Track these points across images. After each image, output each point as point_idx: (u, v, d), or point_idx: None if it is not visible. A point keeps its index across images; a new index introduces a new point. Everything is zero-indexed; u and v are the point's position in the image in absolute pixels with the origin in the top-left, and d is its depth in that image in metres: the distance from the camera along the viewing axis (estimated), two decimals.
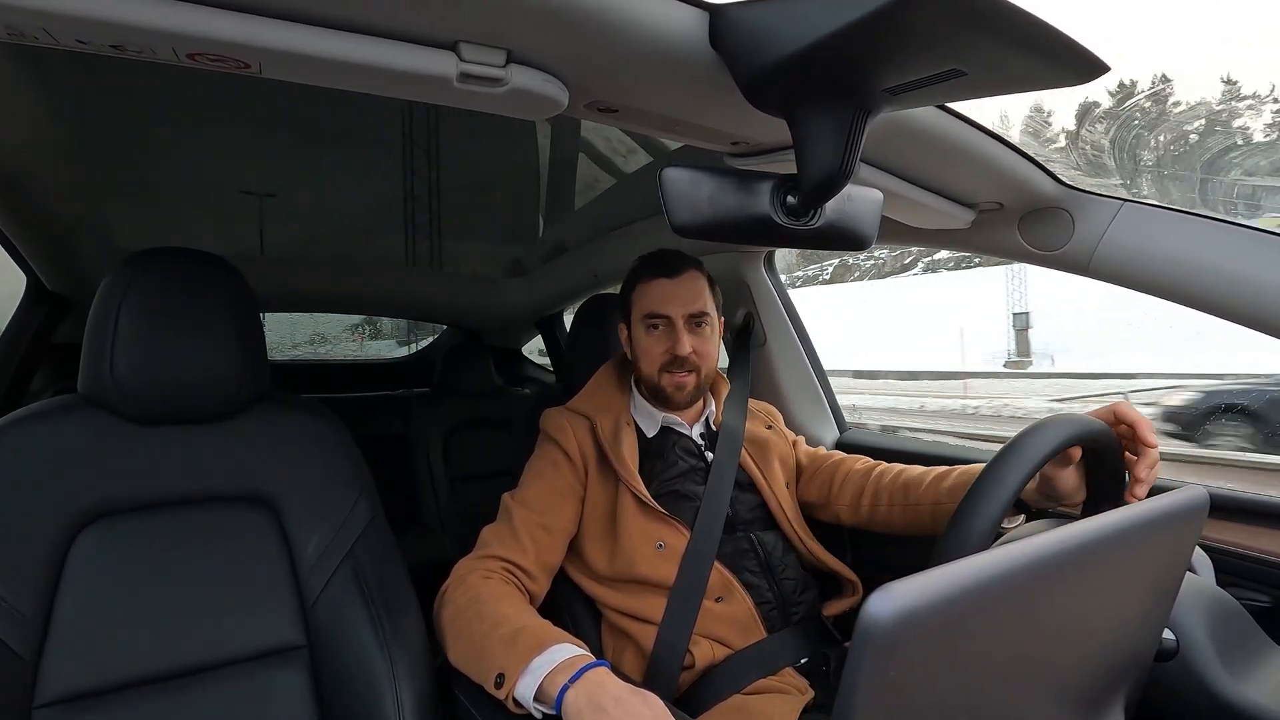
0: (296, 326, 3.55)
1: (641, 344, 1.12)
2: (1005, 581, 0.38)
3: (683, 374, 1.10)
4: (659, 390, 1.12)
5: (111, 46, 0.50)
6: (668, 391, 1.11)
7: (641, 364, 1.13)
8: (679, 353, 1.08)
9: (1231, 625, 0.75)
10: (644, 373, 1.13)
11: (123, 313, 0.84)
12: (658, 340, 1.11)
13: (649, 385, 1.14)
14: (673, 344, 1.09)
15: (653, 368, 1.11)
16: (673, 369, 1.10)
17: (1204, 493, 0.54)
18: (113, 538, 0.84)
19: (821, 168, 0.60)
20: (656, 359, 1.11)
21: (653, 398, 1.15)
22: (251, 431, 0.94)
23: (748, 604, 1.03)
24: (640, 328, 1.12)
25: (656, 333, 1.11)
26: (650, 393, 1.15)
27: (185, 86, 1.13)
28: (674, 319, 1.09)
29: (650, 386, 1.13)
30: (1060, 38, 0.47)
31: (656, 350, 1.11)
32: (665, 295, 1.10)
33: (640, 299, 1.12)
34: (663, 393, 1.12)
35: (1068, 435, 0.76)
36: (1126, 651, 0.55)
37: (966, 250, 1.19)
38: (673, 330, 1.09)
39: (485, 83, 0.58)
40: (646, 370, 1.12)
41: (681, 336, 1.08)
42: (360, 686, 0.86)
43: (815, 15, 0.48)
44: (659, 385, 1.12)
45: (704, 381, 1.13)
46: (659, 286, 1.11)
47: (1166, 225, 0.91)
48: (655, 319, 1.10)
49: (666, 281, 1.10)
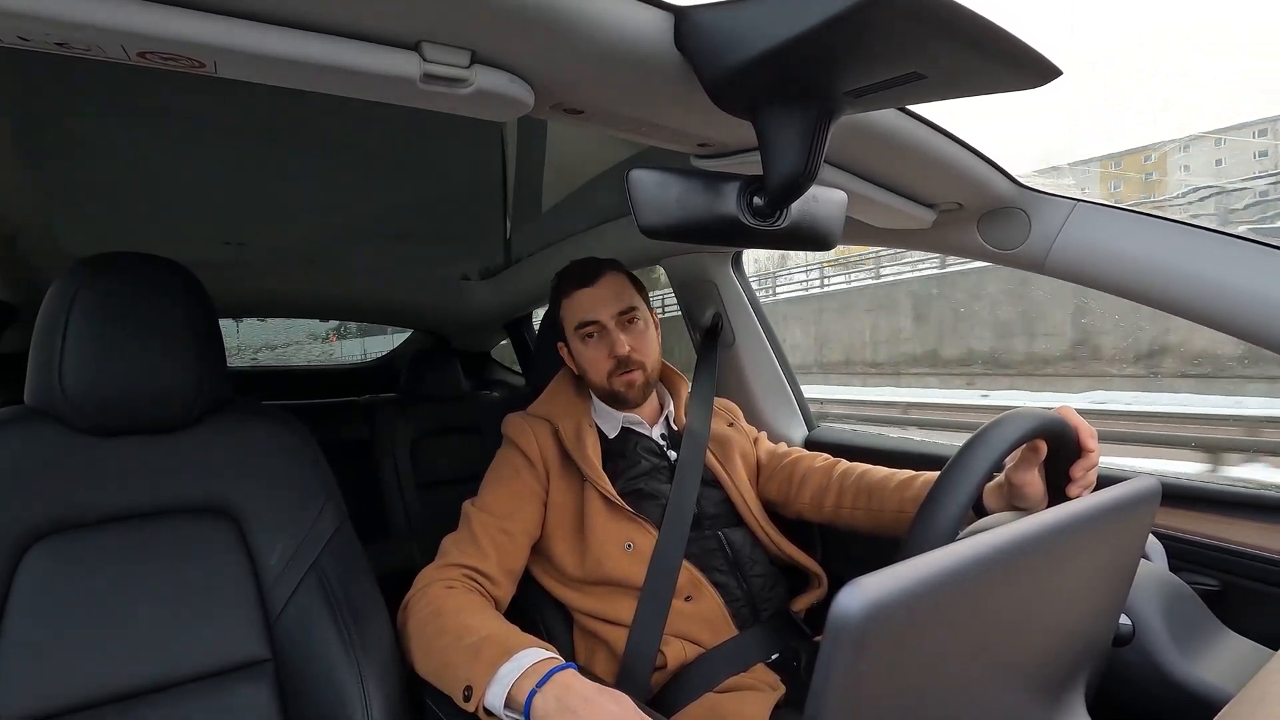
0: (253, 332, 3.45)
1: (584, 356, 1.14)
2: (971, 573, 0.39)
3: (629, 373, 1.11)
4: (613, 394, 1.13)
5: (56, 44, 0.49)
6: (620, 392, 1.13)
7: (590, 374, 1.14)
8: (619, 353, 1.10)
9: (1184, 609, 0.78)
10: (594, 382, 1.14)
11: (71, 319, 0.81)
12: (596, 347, 1.12)
13: (602, 392, 1.15)
14: (611, 347, 1.10)
15: (600, 375, 1.12)
16: (619, 371, 1.11)
17: (1156, 482, 0.56)
18: (65, 554, 0.80)
19: (786, 169, 0.60)
20: (602, 365, 1.12)
21: (609, 401, 1.16)
22: (211, 441, 0.91)
23: (717, 602, 1.04)
24: (576, 340, 1.14)
25: (593, 340, 1.12)
26: (605, 398, 1.16)
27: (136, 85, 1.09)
28: (604, 322, 1.11)
29: (604, 393, 1.15)
30: (1016, 43, 0.48)
31: (599, 357, 1.12)
32: (589, 302, 1.12)
33: (568, 313, 1.15)
34: (617, 395, 1.13)
35: (1031, 428, 0.78)
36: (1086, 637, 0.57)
37: (928, 249, 1.21)
38: (607, 333, 1.11)
39: (449, 84, 0.58)
40: (595, 379, 1.14)
41: (617, 337, 1.10)
42: (328, 699, 0.84)
43: (779, 18, 0.48)
44: (611, 390, 1.13)
45: (651, 375, 1.15)
46: (581, 296, 1.13)
47: (1117, 225, 0.95)
48: (587, 326, 1.12)
49: (588, 290, 1.12)
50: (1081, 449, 0.83)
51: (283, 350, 3.57)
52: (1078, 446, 0.83)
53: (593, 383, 1.15)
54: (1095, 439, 0.83)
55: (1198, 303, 0.88)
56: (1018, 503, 0.87)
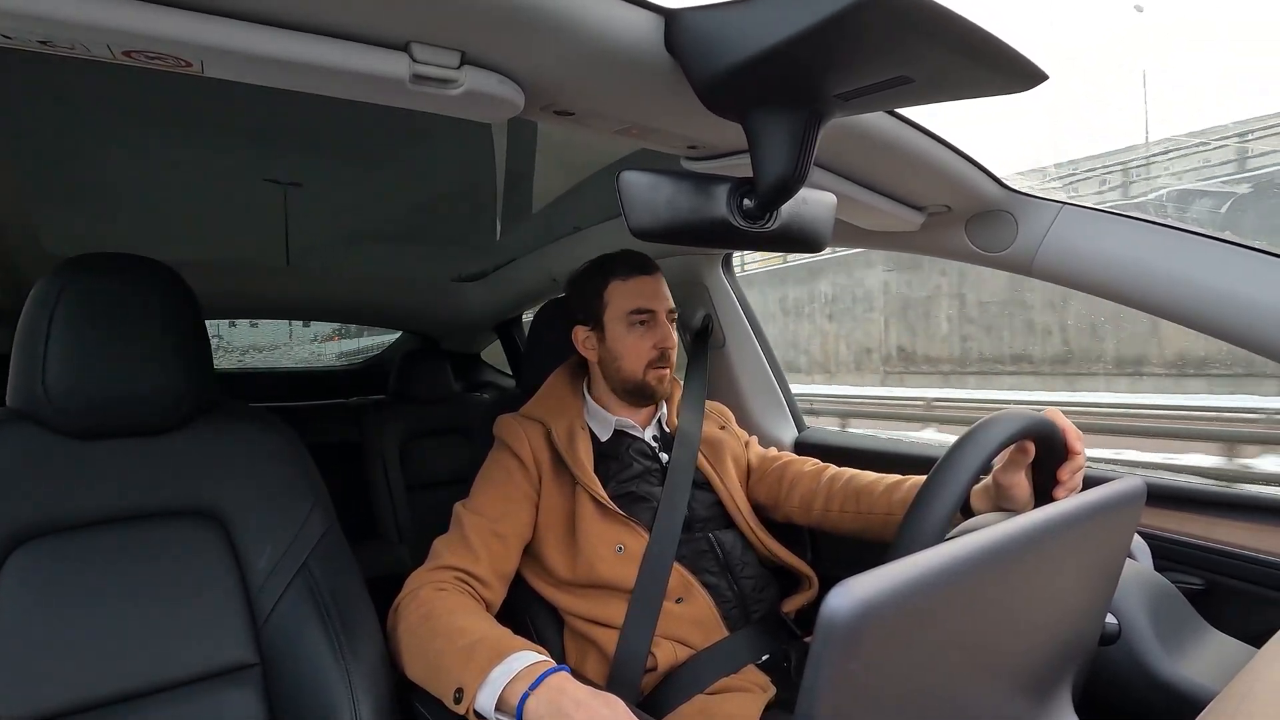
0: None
1: (625, 341, 1.12)
2: (960, 573, 0.39)
3: (664, 368, 1.12)
4: (643, 386, 1.12)
5: (40, 42, 0.48)
6: (651, 385, 1.12)
7: (624, 361, 1.12)
8: (667, 346, 1.11)
9: (1168, 608, 0.79)
10: (627, 371, 1.12)
11: (55, 321, 0.80)
12: (643, 336, 1.11)
13: (631, 383, 1.13)
14: (660, 338, 1.11)
15: (639, 364, 1.11)
16: (659, 364, 1.11)
17: (1141, 482, 0.56)
18: (48, 558, 0.79)
19: (776, 171, 0.61)
20: (644, 354, 1.11)
21: (631, 395, 1.14)
22: (197, 443, 0.90)
23: (708, 604, 1.04)
24: (621, 325, 1.12)
25: (642, 329, 1.12)
26: (631, 390, 1.14)
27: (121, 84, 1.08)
28: (659, 312, 1.12)
29: (633, 384, 1.13)
30: (1003, 48, 0.49)
31: (644, 346, 1.11)
32: (649, 291, 1.12)
33: (619, 297, 1.12)
34: (646, 388, 1.12)
35: (1018, 429, 0.78)
36: (1073, 636, 0.57)
37: (917, 251, 1.22)
38: (658, 325, 1.12)
39: (438, 84, 0.57)
40: (631, 367, 1.12)
41: (668, 330, 1.11)
42: (317, 703, 0.84)
43: (769, 20, 0.49)
44: (644, 381, 1.12)
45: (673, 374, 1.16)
46: (640, 284, 1.12)
47: (1103, 227, 0.95)
48: (642, 314, 1.11)
49: (647, 279, 1.13)
50: (1069, 451, 0.83)
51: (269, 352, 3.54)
52: (1065, 449, 0.84)
53: (625, 372, 1.13)
54: (1082, 441, 0.84)
55: (1183, 305, 0.89)
56: (1005, 504, 0.88)
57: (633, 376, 1.12)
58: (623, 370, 1.13)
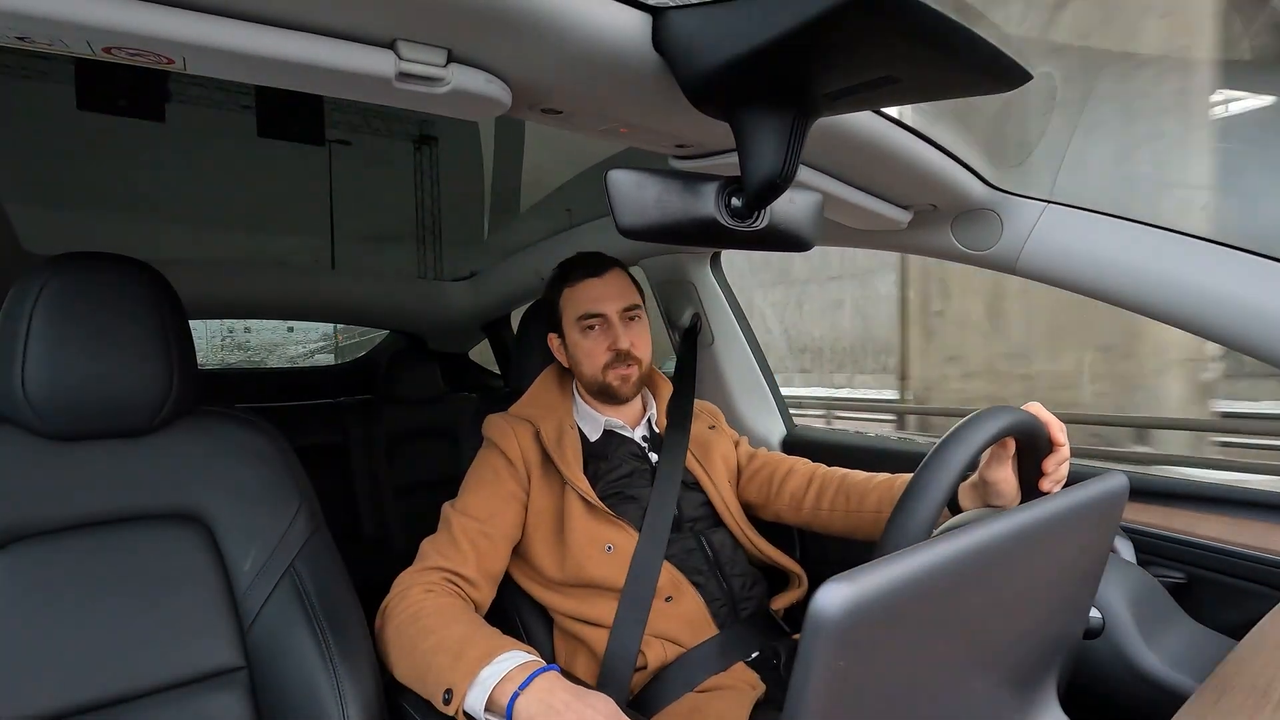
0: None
1: (581, 347, 1.13)
2: (946, 569, 0.39)
3: (626, 368, 1.11)
4: (605, 388, 1.12)
5: (18, 38, 0.47)
6: (614, 386, 1.12)
7: (584, 366, 1.13)
8: (620, 347, 1.10)
9: (1151, 601, 0.80)
10: (587, 375, 1.13)
11: (34, 321, 0.79)
12: (597, 340, 1.11)
13: (594, 385, 1.13)
14: (613, 340, 1.10)
15: (596, 367, 1.12)
16: (616, 364, 1.11)
17: (1124, 478, 0.57)
18: (28, 563, 0.78)
19: (764, 170, 0.61)
20: (599, 358, 1.11)
21: (599, 396, 1.15)
22: (181, 445, 0.89)
23: (698, 602, 1.04)
24: (576, 331, 1.13)
25: (594, 333, 1.12)
26: (596, 392, 1.14)
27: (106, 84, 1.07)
28: (609, 315, 1.11)
29: (596, 386, 1.13)
30: (987, 48, 0.49)
31: (598, 349, 1.11)
32: (597, 294, 1.11)
33: (571, 303, 1.13)
34: (609, 389, 1.12)
35: (1003, 425, 0.79)
36: (1058, 631, 0.58)
37: (904, 250, 1.23)
38: (610, 327, 1.11)
39: (425, 82, 0.57)
40: (590, 371, 1.12)
41: (619, 331, 1.10)
42: (304, 706, 0.83)
43: (756, 20, 0.49)
44: (605, 383, 1.12)
45: (644, 373, 1.15)
46: (589, 287, 1.12)
47: (1087, 226, 0.97)
48: (591, 318, 1.11)
49: (596, 281, 1.12)
50: (1053, 444, 0.85)
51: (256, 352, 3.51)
52: (1049, 441, 0.85)
53: (585, 376, 1.14)
54: (1065, 433, 0.85)
55: (1166, 304, 0.90)
56: (992, 500, 0.89)
57: (594, 379, 1.13)
58: (584, 374, 1.14)
